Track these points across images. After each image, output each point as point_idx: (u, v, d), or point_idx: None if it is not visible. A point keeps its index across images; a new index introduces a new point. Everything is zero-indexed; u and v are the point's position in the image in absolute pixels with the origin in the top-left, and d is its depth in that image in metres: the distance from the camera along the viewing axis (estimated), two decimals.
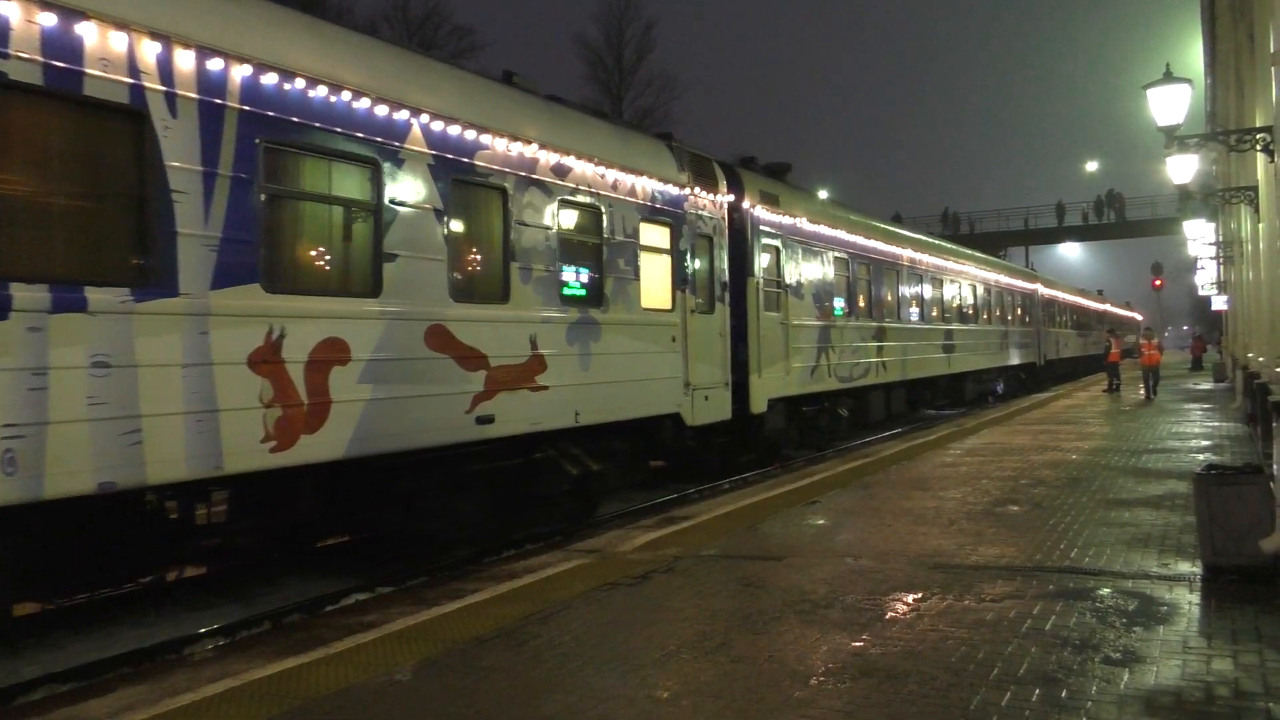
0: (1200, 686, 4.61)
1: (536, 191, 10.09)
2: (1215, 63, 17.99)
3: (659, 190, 12.36)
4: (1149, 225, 57.62)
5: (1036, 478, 11.57)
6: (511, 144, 9.71)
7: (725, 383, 13.64)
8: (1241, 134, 10.17)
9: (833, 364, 17.44)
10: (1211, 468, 7.08)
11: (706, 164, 13.92)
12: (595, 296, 11.07)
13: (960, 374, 26.53)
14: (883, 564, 7.41)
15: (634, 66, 47.22)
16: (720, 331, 13.63)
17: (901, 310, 21.77)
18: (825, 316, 17.36)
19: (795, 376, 15.83)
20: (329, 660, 5.60)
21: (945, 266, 25.39)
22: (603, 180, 11.22)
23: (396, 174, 8.42)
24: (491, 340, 9.34)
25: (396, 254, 8.35)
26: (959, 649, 5.27)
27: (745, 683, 4.91)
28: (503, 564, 9.13)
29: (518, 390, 9.63)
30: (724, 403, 13.62)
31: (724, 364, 13.66)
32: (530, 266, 9.93)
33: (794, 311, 16.00)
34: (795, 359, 15.83)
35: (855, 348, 18.61)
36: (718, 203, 13.89)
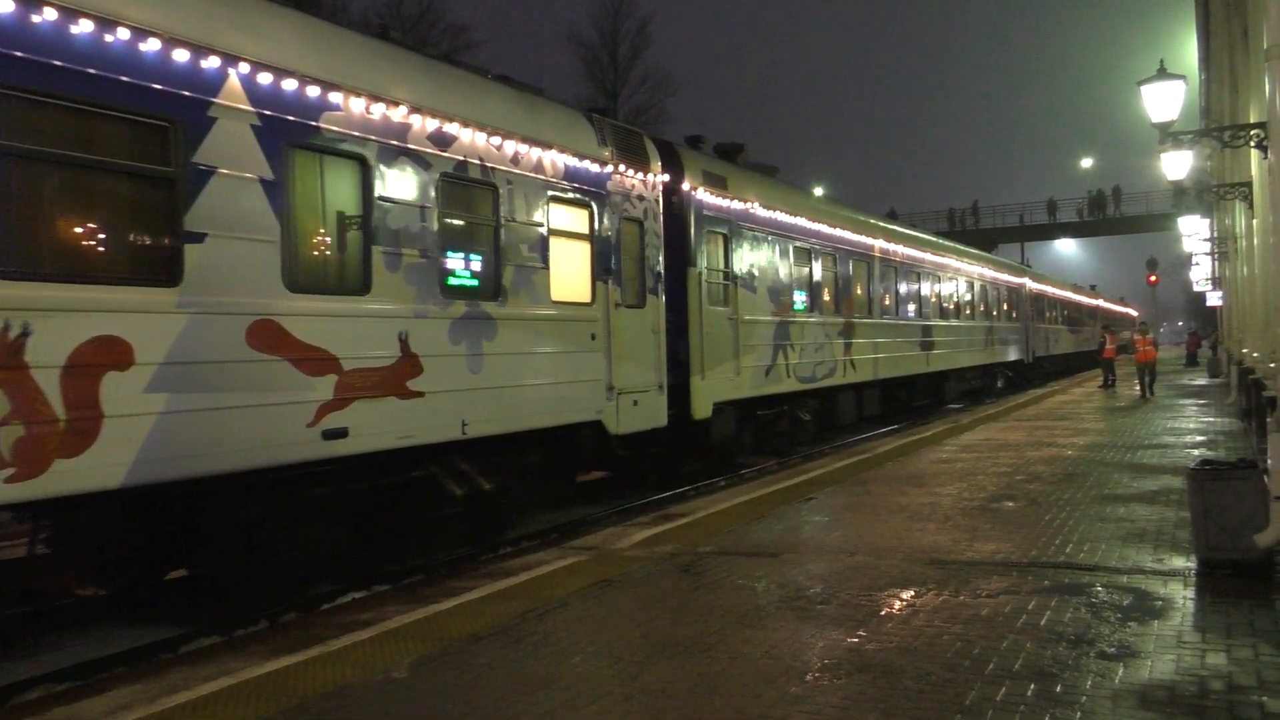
0: (1194, 681, 4.62)
1: (408, 163, 8.62)
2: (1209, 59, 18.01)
3: (574, 167, 10.83)
4: (1144, 221, 57.77)
5: (1032, 473, 11.59)
6: (373, 105, 8.24)
7: (659, 385, 12.23)
8: (1235, 130, 10.19)
9: (792, 363, 16.07)
10: (1206, 463, 7.10)
11: (635, 139, 12.48)
12: (490, 288, 9.58)
13: (941, 373, 25.16)
14: (879, 560, 7.42)
15: (629, 64, 47.21)
16: (653, 328, 12.18)
17: (873, 306, 20.36)
18: (783, 312, 15.95)
19: (747, 377, 14.51)
20: (325, 658, 5.60)
21: (922, 259, 24.00)
22: (499, 153, 9.68)
23: (203, 135, 6.88)
24: (345, 339, 7.89)
25: (205, 234, 6.83)
26: (954, 644, 5.29)
27: (741, 679, 4.92)
28: (499, 561, 9.14)
29: (381, 398, 8.18)
30: (657, 408, 12.21)
31: (658, 364, 12.23)
32: (399, 251, 8.46)
33: (745, 306, 14.59)
34: (747, 358, 14.49)
35: (819, 346, 17.25)
36: (650, 183, 12.36)
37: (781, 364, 15.68)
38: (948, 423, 19.84)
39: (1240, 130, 10.01)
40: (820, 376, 17.25)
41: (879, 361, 20.16)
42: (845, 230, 19.00)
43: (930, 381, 24.60)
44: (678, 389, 12.80)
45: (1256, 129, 9.61)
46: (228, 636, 7.29)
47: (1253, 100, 11.84)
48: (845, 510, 9.76)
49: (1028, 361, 35.33)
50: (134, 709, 4.93)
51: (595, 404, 10.99)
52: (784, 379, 15.78)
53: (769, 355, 15.33)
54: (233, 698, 5.00)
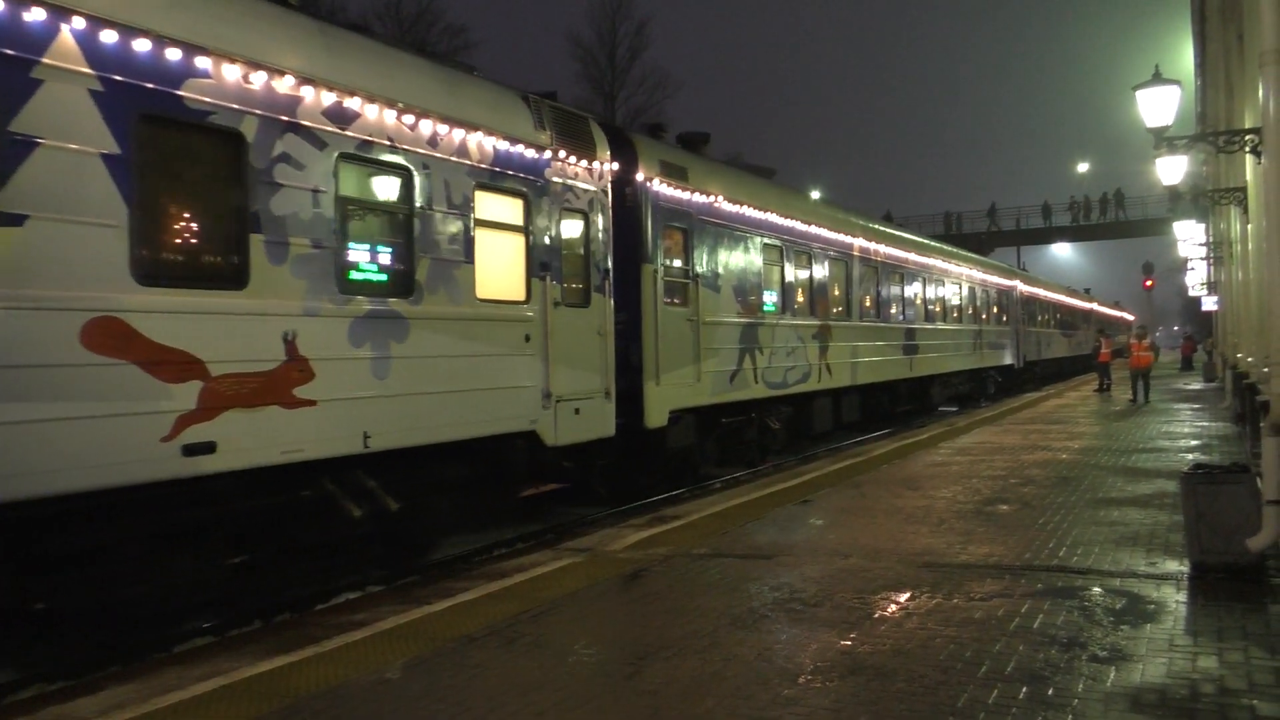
0: (1186, 684, 4.64)
1: (299, 141, 7.60)
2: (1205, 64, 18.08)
3: (506, 152, 9.80)
4: (1140, 225, 57.92)
5: (1026, 477, 11.61)
6: (252, 74, 7.22)
7: (605, 392, 11.20)
8: (1230, 135, 10.23)
9: (760, 368, 14.99)
10: (1199, 467, 7.12)
11: (579, 123, 11.39)
12: (401, 283, 8.58)
13: (926, 378, 24.11)
14: (873, 563, 7.43)
15: (627, 65, 47.42)
16: (599, 329, 11.17)
17: (852, 307, 19.27)
18: (751, 313, 14.96)
19: (709, 383, 13.51)
20: (319, 659, 5.60)
21: (906, 259, 22.87)
22: (413, 133, 8.71)
23: (24, 101, 5.91)
24: (213, 340, 6.88)
25: (24, 215, 5.86)
26: (947, 647, 5.30)
27: (734, 680, 4.93)
28: (494, 563, 9.15)
29: (261, 408, 7.14)
30: (603, 416, 11.18)
31: (604, 369, 11.20)
32: (285, 240, 7.42)
33: (708, 306, 13.61)
34: (709, 362, 13.49)
35: (791, 349, 16.21)
36: (597, 172, 11.35)
37: (749, 368, 14.69)
38: (943, 426, 19.87)
39: (1235, 135, 10.04)
40: (792, 382, 16.24)
41: (858, 366, 19.20)
42: (821, 227, 18.01)
43: (914, 387, 23.67)
44: (630, 395, 11.93)
45: (1251, 134, 9.63)
46: (221, 637, 7.29)
47: (1248, 106, 11.88)
48: (840, 512, 9.77)
49: (1018, 366, 34.58)
50: (127, 708, 4.93)
51: (529, 412, 9.93)
52: (751, 384, 14.79)
53: (734, 359, 14.36)
54: (225, 698, 5.00)
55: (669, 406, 12.49)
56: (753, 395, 14.85)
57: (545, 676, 5.11)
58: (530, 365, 9.98)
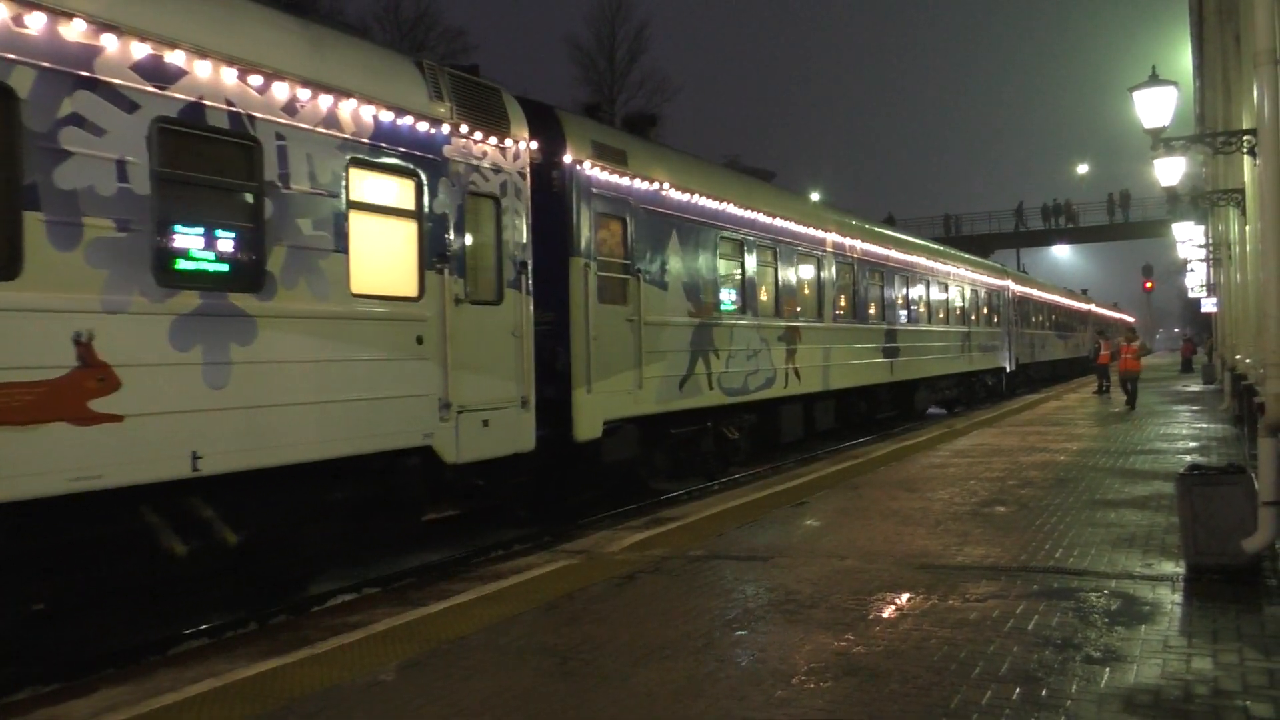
0: (1179, 685, 4.63)
1: (97, 100, 6.31)
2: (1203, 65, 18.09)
3: (391, 124, 8.54)
4: (1139, 227, 57.92)
5: (1024, 478, 11.60)
6: (26, 15, 5.93)
7: (522, 400, 9.85)
8: (1227, 136, 10.23)
9: (716, 372, 13.74)
10: (1195, 468, 7.12)
11: (488, 96, 9.95)
12: (246, 275, 7.23)
13: (908, 382, 22.71)
14: (869, 564, 7.43)
15: (626, 68, 47.37)
16: (513, 329, 9.81)
17: (824, 307, 17.96)
18: (705, 312, 13.66)
19: (653, 389, 12.24)
20: (313, 660, 5.60)
21: (886, 256, 21.54)
22: (263, 98, 7.38)
23: None
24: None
25: None
26: (941, 648, 5.29)
27: (728, 681, 4.93)
28: (490, 564, 9.16)
29: (39, 425, 5.84)
30: (519, 428, 9.82)
31: (520, 374, 9.85)
32: (77, 221, 6.16)
33: (652, 305, 12.35)
34: (653, 366, 12.23)
35: (753, 352, 14.92)
36: (512, 152, 10.00)
37: (702, 373, 13.40)
38: (942, 428, 19.86)
39: (1232, 136, 10.05)
40: (754, 388, 14.93)
41: (830, 370, 17.93)
42: (788, 221, 16.57)
43: (897, 392, 22.42)
44: (557, 404, 10.77)
45: (1248, 135, 9.63)
46: (216, 639, 7.29)
47: (1245, 107, 11.88)
48: (837, 514, 9.76)
49: (1010, 370, 33.19)
50: (119, 710, 4.93)
51: (422, 425, 8.63)
52: (705, 391, 13.47)
53: (685, 363, 13.04)
54: (218, 699, 4.99)
55: (604, 416, 11.26)
56: (707, 403, 13.63)
57: (539, 678, 5.11)
58: (424, 371, 8.68)
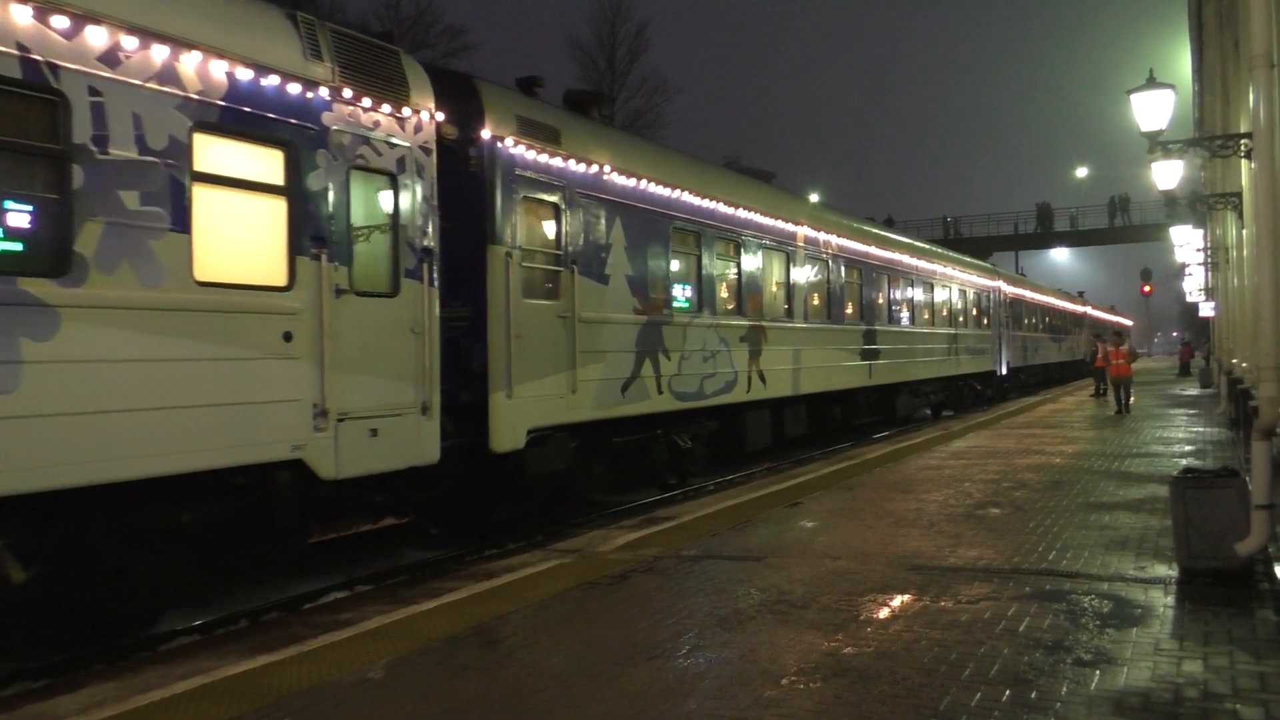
0: (1169, 688, 4.62)
1: None
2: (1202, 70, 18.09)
3: (253, 85, 7.37)
4: (1137, 231, 57.90)
5: (1019, 481, 11.59)
6: None
7: (423, 406, 8.72)
8: (1225, 139, 10.22)
9: (667, 375, 12.59)
10: (1188, 471, 7.11)
11: (383, 59, 8.74)
12: (46, 255, 6.12)
13: (889, 386, 21.42)
14: (861, 565, 7.41)
15: (627, 68, 47.23)
16: (413, 325, 8.70)
17: (794, 306, 16.73)
18: (654, 310, 12.50)
19: (589, 394, 11.08)
20: (302, 658, 5.58)
21: (866, 253, 20.29)
22: (70, 43, 6.20)
23: None
24: None
25: None
26: (932, 650, 5.28)
27: (717, 681, 4.91)
28: (483, 563, 9.13)
29: None
30: (418, 438, 8.67)
31: (420, 376, 8.71)
32: None
33: (589, 300, 11.18)
34: (590, 368, 11.09)
35: (711, 353, 13.73)
36: (413, 124, 8.90)
37: (649, 376, 12.23)
38: (938, 430, 19.85)
39: (1229, 140, 10.03)
40: (712, 392, 13.78)
41: (801, 373, 16.67)
42: (753, 212, 15.31)
43: (877, 397, 21.18)
44: (474, 411, 9.63)
45: (1245, 138, 9.63)
46: (206, 636, 7.27)
47: (1243, 111, 11.87)
48: (831, 515, 9.75)
49: (1000, 373, 32.00)
50: (106, 706, 4.91)
51: (291, 435, 7.51)
52: (653, 395, 12.32)
53: (629, 365, 11.89)
54: (205, 696, 4.97)
55: (529, 424, 10.07)
56: (656, 408, 12.46)
57: (528, 677, 5.09)
58: (292, 373, 7.56)
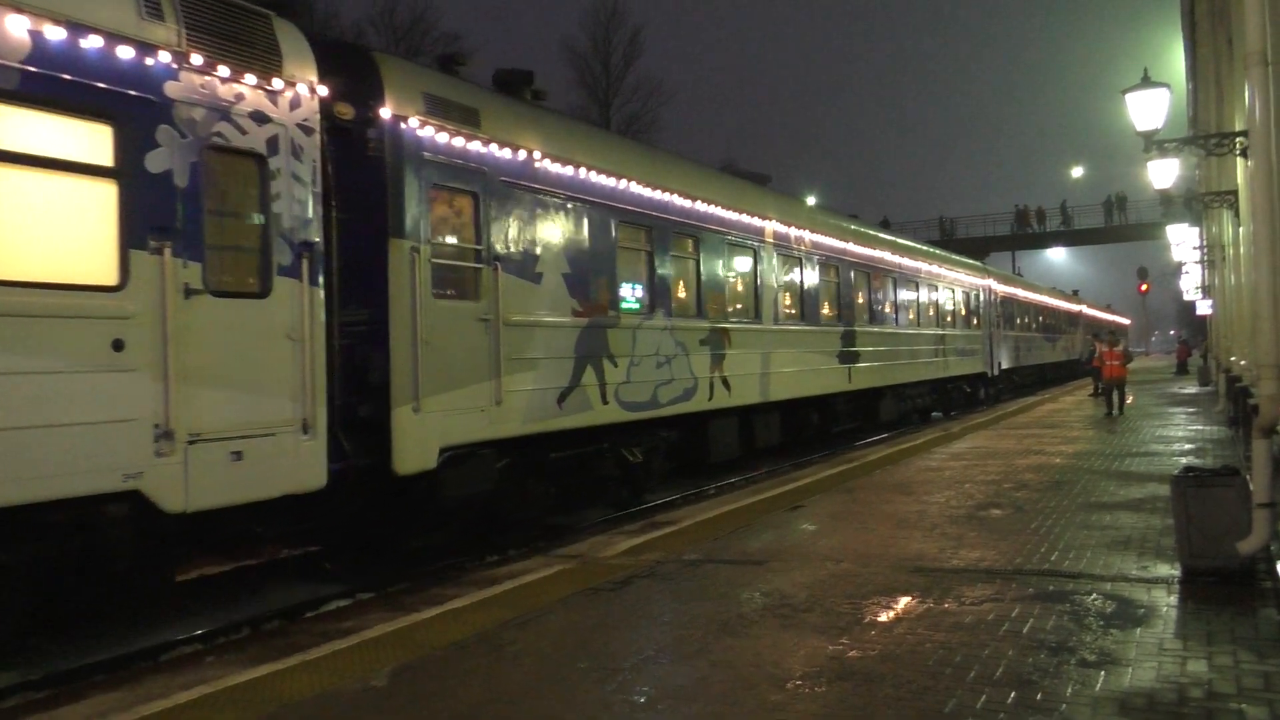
0: (1174, 688, 4.62)
1: None
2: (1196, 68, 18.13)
3: (69, 45, 6.29)
4: (1134, 229, 58.04)
5: (1019, 481, 11.60)
6: None
7: (303, 423, 7.60)
8: (1220, 138, 10.24)
9: (613, 383, 11.46)
10: (1189, 470, 7.12)
11: (251, 23, 7.63)
12: None
13: (871, 390, 20.27)
14: (864, 568, 7.41)
15: (621, 72, 47.28)
16: (289, 330, 7.57)
17: (762, 306, 15.58)
18: (597, 311, 11.33)
19: (519, 405, 9.87)
20: (305, 666, 5.57)
21: (844, 249, 19.13)
22: None
23: None
24: None
25: None
26: (936, 652, 5.28)
27: (721, 686, 4.91)
28: (484, 570, 9.12)
29: None
30: (298, 460, 7.55)
31: (299, 389, 7.59)
32: None
33: (517, 301, 9.95)
34: (519, 377, 9.87)
35: (666, 359, 12.60)
36: (289, 99, 7.71)
37: (592, 385, 11.09)
38: (938, 431, 19.86)
39: (1224, 138, 10.06)
40: (667, 400, 12.60)
41: (771, 378, 15.50)
42: (714, 205, 14.16)
43: (858, 401, 20.03)
44: (375, 427, 8.46)
45: (1240, 137, 9.64)
46: (209, 645, 7.26)
47: (1238, 109, 11.90)
48: (832, 518, 9.75)
49: (991, 375, 30.71)
50: (111, 716, 4.91)
51: (123, 461, 6.42)
52: (597, 405, 11.17)
53: (566, 373, 10.70)
54: (209, 705, 4.97)
55: (442, 441, 8.89)
56: (600, 420, 11.27)
57: (532, 683, 5.09)
58: (126, 387, 6.48)
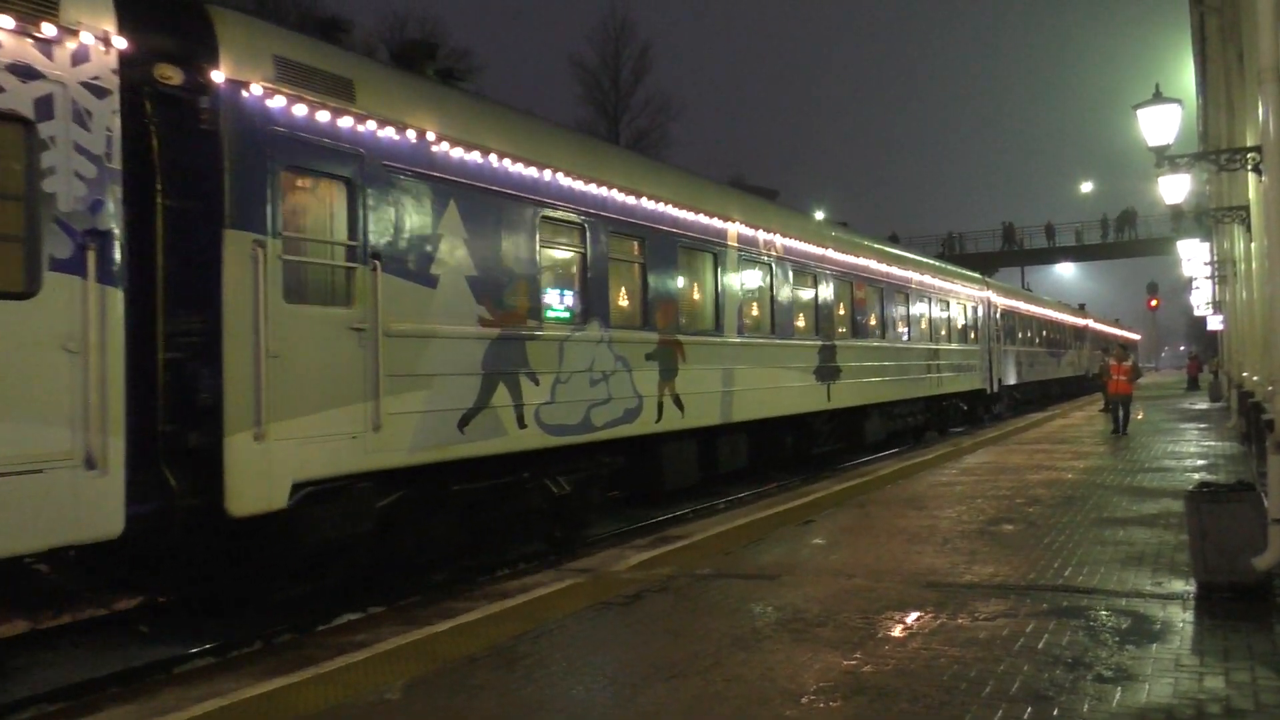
0: (1192, 704, 4.59)
1: None
2: (1206, 84, 18.14)
3: None
4: (1144, 245, 57.94)
5: (1031, 496, 11.56)
6: None
7: (87, 457, 5.92)
8: (1231, 153, 10.25)
9: (533, 404, 9.72)
10: (1204, 485, 7.09)
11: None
12: None
13: (857, 409, 18.62)
14: (877, 582, 7.39)
15: (631, 88, 47.56)
16: (65, 340, 5.91)
17: (724, 317, 13.82)
18: (513, 321, 9.57)
19: (405, 430, 8.24)
20: (318, 680, 5.57)
21: (822, 256, 17.40)
22: None
23: None
24: None
25: None
26: (951, 667, 5.26)
27: (736, 701, 4.89)
28: (495, 583, 9.12)
29: None
30: (79, 502, 5.88)
31: (80, 413, 5.92)
32: None
33: (404, 307, 8.34)
34: (407, 397, 8.26)
35: (602, 375, 10.91)
36: (68, 51, 6.06)
37: (505, 405, 9.35)
38: (948, 446, 19.81)
39: (1236, 154, 10.06)
40: (604, 422, 10.91)
41: (735, 396, 13.81)
42: (662, 203, 12.38)
43: (840, 421, 18.32)
44: (207, 458, 6.82)
45: (1252, 152, 9.65)
46: (222, 658, 7.26)
47: (1249, 124, 11.90)
48: (844, 533, 9.73)
49: (990, 391, 28.98)
50: None
51: None
52: (511, 429, 9.43)
53: (471, 392, 8.98)
54: (222, 718, 4.97)
55: (296, 474, 7.30)
56: (516, 446, 9.54)
57: (546, 697, 5.08)
58: None
